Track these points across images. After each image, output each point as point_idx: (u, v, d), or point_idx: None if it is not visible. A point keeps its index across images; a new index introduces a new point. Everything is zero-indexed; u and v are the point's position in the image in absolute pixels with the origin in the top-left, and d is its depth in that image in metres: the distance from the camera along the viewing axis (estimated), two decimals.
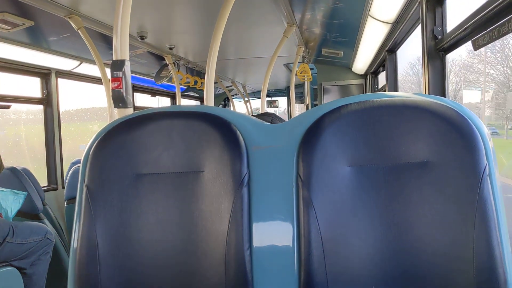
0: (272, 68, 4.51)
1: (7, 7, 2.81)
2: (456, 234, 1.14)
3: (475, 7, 1.86)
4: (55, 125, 4.20)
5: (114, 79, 1.88)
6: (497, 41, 1.73)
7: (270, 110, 10.72)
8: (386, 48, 4.26)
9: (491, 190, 1.14)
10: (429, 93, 2.45)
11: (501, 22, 1.66)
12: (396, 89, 4.38)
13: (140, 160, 1.30)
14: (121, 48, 1.88)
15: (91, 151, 1.32)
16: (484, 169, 1.14)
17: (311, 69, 6.04)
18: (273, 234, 1.27)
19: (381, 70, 5.44)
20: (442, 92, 2.45)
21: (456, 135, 1.17)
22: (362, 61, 5.63)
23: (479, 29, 1.90)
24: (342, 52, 5.62)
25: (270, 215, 1.27)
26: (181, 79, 5.62)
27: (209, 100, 2.82)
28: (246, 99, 10.09)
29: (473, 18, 1.88)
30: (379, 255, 1.17)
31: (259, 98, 5.01)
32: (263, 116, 2.56)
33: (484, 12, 1.76)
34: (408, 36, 3.66)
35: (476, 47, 1.92)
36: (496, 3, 1.65)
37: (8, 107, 3.85)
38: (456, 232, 1.14)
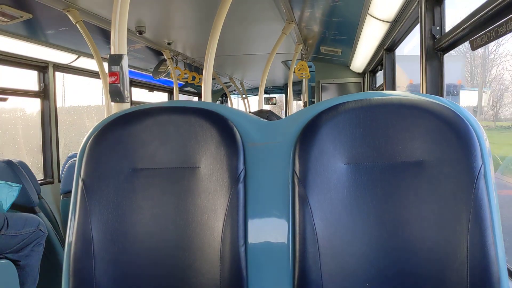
0: (270, 65, 4.51)
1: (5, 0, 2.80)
2: (451, 233, 1.14)
3: (474, 8, 1.87)
4: (51, 119, 4.19)
5: (112, 73, 1.87)
6: None
7: (267, 107, 10.74)
8: (385, 47, 4.26)
9: (486, 190, 1.14)
10: (426, 93, 2.46)
11: (499, 23, 1.67)
12: (394, 88, 4.38)
13: (136, 155, 1.30)
14: (119, 43, 1.88)
15: (87, 145, 1.32)
16: (480, 169, 1.15)
17: (309, 66, 6.03)
18: (268, 231, 1.27)
19: (379, 68, 5.44)
20: (440, 92, 2.45)
21: (452, 134, 1.17)
22: (360, 59, 5.63)
23: (477, 30, 1.90)
24: (340, 50, 5.61)
25: (265, 212, 1.28)
26: (179, 74, 5.61)
27: (207, 96, 2.82)
28: (244, 95, 10.09)
29: (471, 19, 1.88)
30: (374, 253, 1.18)
31: (257, 94, 5.01)
32: (259, 113, 2.56)
33: (482, 13, 1.77)
34: (407, 35, 3.67)
35: (474, 47, 1.93)
36: (494, 4, 1.66)
37: (5, 99, 3.84)
38: (450, 231, 1.14)
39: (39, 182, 3.63)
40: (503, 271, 1.13)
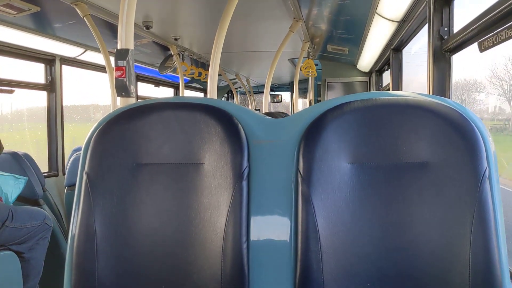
0: (276, 63, 4.51)
1: None
2: (454, 235, 1.14)
3: (483, 9, 1.85)
4: (57, 112, 4.21)
5: (118, 68, 1.88)
6: None
7: (272, 105, 10.76)
8: (392, 47, 4.24)
9: (490, 192, 1.14)
10: (433, 94, 2.45)
11: (507, 25, 1.65)
12: (400, 88, 4.37)
13: (141, 150, 1.31)
14: (126, 37, 1.88)
15: (92, 139, 1.33)
16: (484, 172, 1.14)
17: (316, 65, 6.03)
18: (271, 228, 1.27)
19: (386, 68, 5.42)
20: (446, 93, 2.44)
21: (457, 136, 1.17)
22: (367, 58, 5.62)
23: (485, 31, 1.89)
24: (347, 49, 5.60)
25: (268, 210, 1.28)
26: (185, 70, 5.62)
27: (212, 92, 2.82)
28: (250, 92, 10.10)
29: (480, 20, 1.87)
30: (376, 253, 1.18)
31: (263, 92, 5.01)
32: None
33: (491, 14, 1.75)
34: (414, 35, 3.65)
35: (482, 49, 1.91)
36: (504, 6, 1.65)
37: (11, 92, 3.86)
38: (453, 233, 1.14)
39: (44, 174, 3.65)
40: (506, 274, 1.13)
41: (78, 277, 1.27)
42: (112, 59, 2.79)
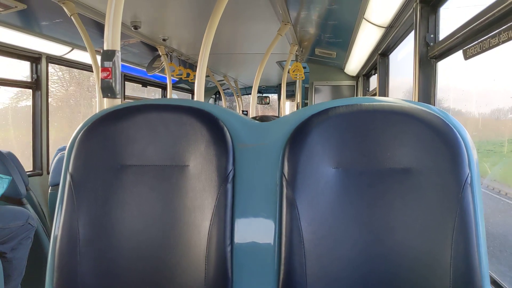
0: (264, 65, 4.51)
1: None
2: (435, 241, 1.15)
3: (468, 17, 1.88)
4: (42, 110, 4.17)
5: (104, 69, 1.86)
6: None
7: (260, 107, 10.78)
8: (379, 52, 4.28)
9: (472, 199, 1.15)
10: (418, 99, 2.47)
11: (491, 34, 1.68)
12: (386, 93, 4.41)
13: (125, 151, 1.30)
14: (113, 38, 1.86)
15: (77, 139, 1.32)
16: (466, 178, 1.16)
17: (304, 68, 6.05)
18: (255, 232, 1.27)
19: (373, 73, 5.46)
20: (432, 99, 2.47)
21: (440, 143, 1.18)
22: (354, 63, 5.65)
23: (470, 39, 1.92)
24: (335, 53, 5.63)
25: (253, 213, 1.28)
26: (173, 71, 5.60)
27: (200, 94, 2.82)
28: (237, 93, 10.11)
29: (465, 28, 1.89)
30: (359, 258, 1.19)
31: (251, 93, 5.02)
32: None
33: (476, 23, 1.78)
34: (401, 41, 3.68)
35: (466, 56, 1.94)
36: (488, 15, 1.67)
37: None
38: (435, 239, 1.15)
39: (28, 173, 3.61)
40: (486, 279, 1.14)
41: (60, 279, 1.26)
42: (99, 58, 2.78)
